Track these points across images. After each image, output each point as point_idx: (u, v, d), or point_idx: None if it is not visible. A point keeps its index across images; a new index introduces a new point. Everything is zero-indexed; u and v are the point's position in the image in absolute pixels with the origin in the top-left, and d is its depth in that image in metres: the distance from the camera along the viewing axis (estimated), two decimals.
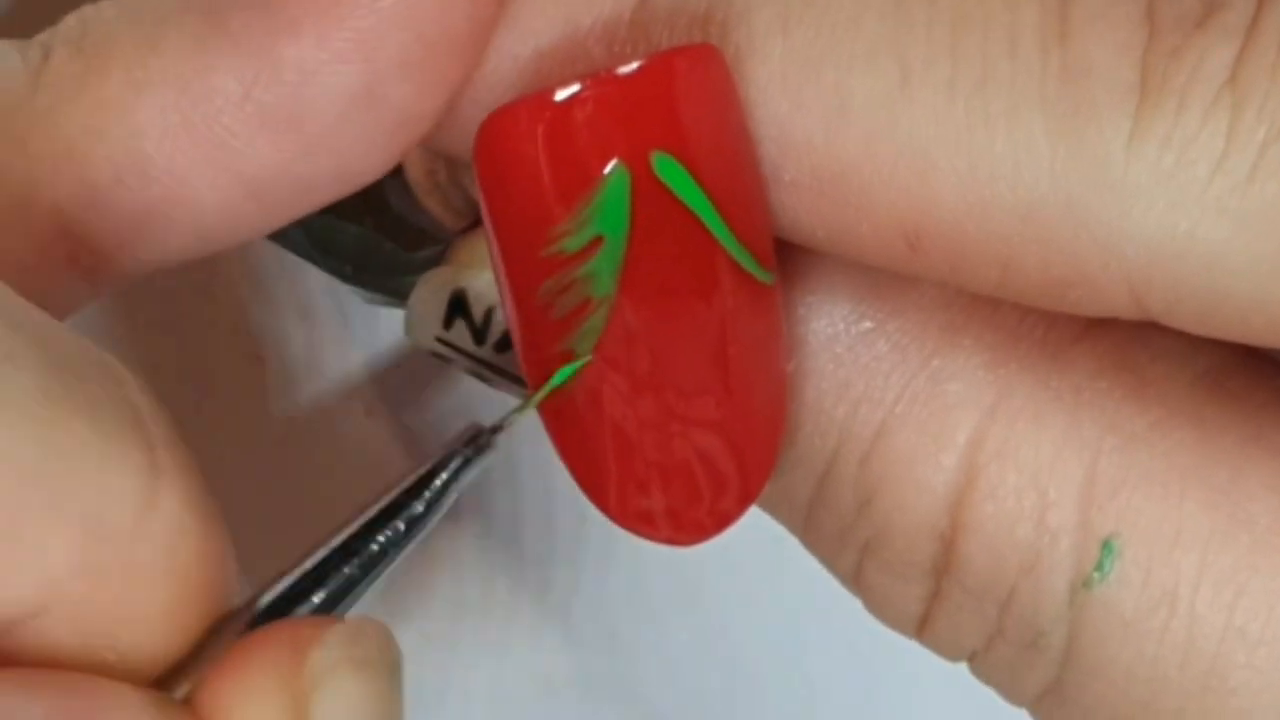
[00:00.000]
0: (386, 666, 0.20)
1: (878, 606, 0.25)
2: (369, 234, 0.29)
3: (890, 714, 0.39)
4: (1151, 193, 0.20)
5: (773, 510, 0.25)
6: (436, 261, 0.29)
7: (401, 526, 0.22)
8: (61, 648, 0.19)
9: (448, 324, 0.25)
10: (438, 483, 0.22)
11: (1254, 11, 0.20)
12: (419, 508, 0.22)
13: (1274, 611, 0.22)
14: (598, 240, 0.21)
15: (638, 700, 0.39)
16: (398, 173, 0.29)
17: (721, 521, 0.23)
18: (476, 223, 0.27)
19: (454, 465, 0.22)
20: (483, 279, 0.24)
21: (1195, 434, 0.23)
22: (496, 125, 0.21)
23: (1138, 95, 0.20)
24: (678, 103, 0.21)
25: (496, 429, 0.22)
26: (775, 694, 0.39)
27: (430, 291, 0.25)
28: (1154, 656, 0.22)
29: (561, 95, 0.21)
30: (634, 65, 0.21)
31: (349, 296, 0.36)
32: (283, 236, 0.31)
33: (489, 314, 0.24)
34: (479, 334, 0.25)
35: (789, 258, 0.23)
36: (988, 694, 0.24)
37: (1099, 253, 0.20)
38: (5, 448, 0.18)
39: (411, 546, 0.22)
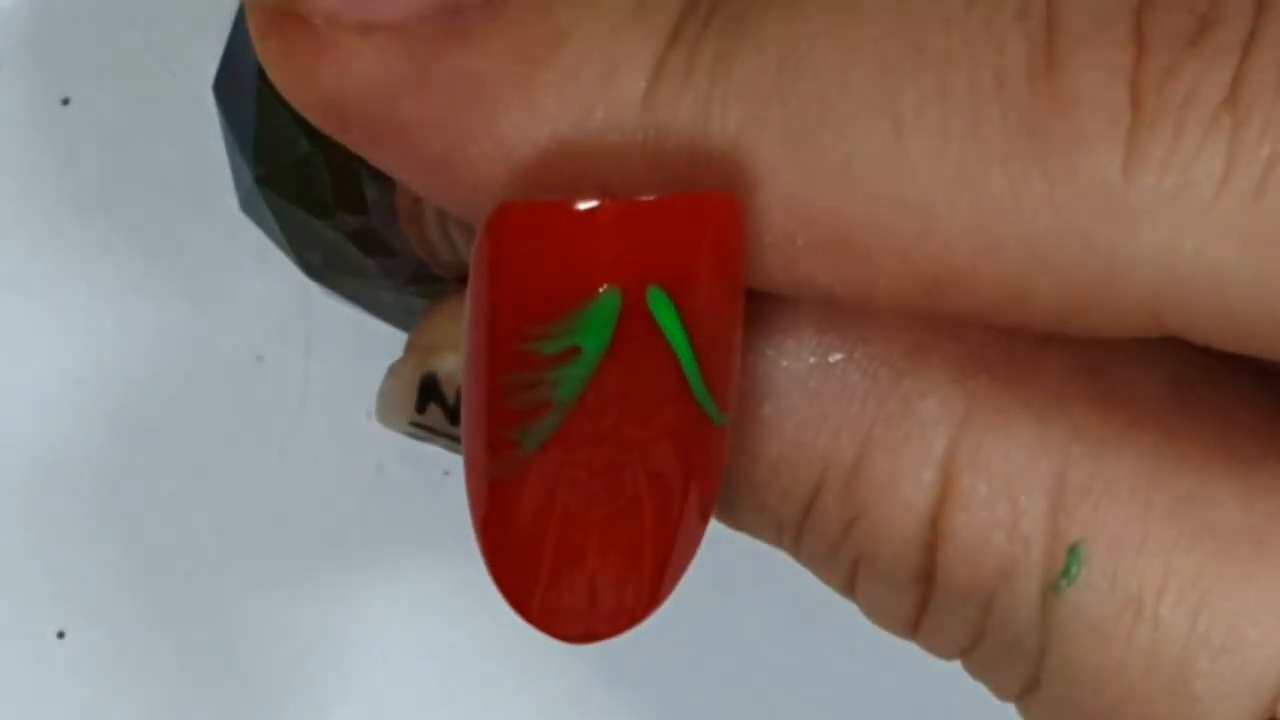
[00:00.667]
0: None
1: (872, 613, 0.25)
2: (341, 239, 0.30)
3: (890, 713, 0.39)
4: (1155, 215, 0.20)
5: (762, 538, 0.25)
6: (403, 283, 0.30)
7: None
8: None
9: (421, 408, 0.25)
10: None
11: (1250, 27, 0.20)
12: None
13: (1237, 619, 0.22)
14: (574, 351, 0.22)
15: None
16: (387, 189, 0.29)
17: (619, 621, 0.23)
18: (462, 280, 0.28)
19: None
20: (449, 361, 0.24)
21: (1161, 440, 0.23)
22: (511, 216, 0.22)
23: (1129, 118, 0.20)
24: (687, 243, 0.21)
25: None
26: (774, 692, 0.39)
27: (400, 379, 0.25)
28: (1120, 661, 0.23)
29: (583, 207, 0.21)
30: (654, 196, 0.21)
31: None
32: (255, 215, 0.31)
33: (459, 394, 0.25)
34: (453, 414, 0.25)
35: (750, 303, 0.23)
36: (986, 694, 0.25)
37: (1110, 278, 0.21)
38: None
39: None
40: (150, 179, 0.37)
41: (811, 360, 0.23)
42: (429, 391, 0.25)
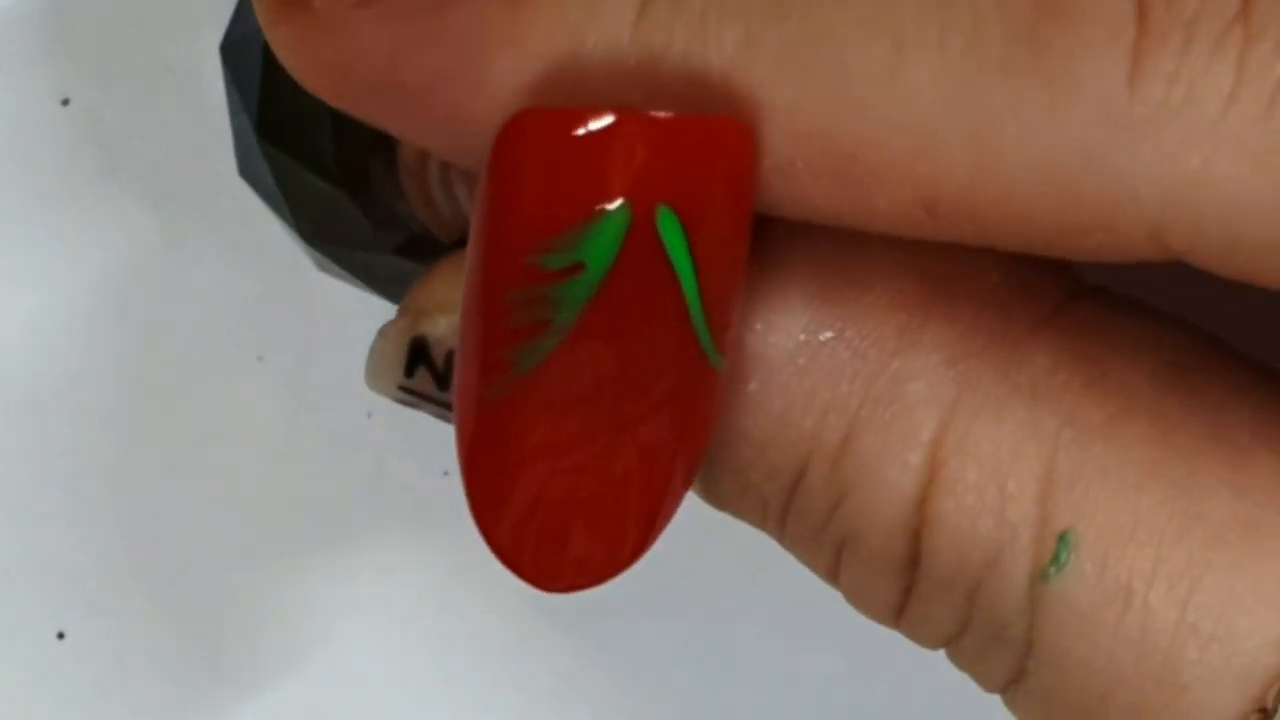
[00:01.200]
0: None
1: (856, 599, 0.25)
2: (340, 198, 0.30)
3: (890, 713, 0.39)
4: (1160, 130, 0.20)
5: (747, 519, 0.25)
6: (398, 249, 0.30)
7: None
8: None
9: (409, 372, 0.25)
10: None
11: None
12: None
13: (1227, 608, 0.22)
14: (578, 267, 0.22)
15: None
16: (389, 149, 0.29)
17: (597, 570, 0.23)
18: (460, 243, 0.28)
19: None
20: (441, 324, 0.24)
21: (1153, 428, 0.23)
22: (525, 124, 0.22)
23: (1134, 29, 0.20)
24: (701, 165, 0.21)
25: None
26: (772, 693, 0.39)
27: (390, 342, 0.25)
28: (1109, 650, 0.22)
29: (598, 122, 0.21)
30: (669, 112, 0.21)
31: (351, 295, 0.36)
32: (253, 177, 0.31)
33: (449, 358, 0.25)
34: (442, 379, 0.25)
35: None
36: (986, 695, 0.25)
37: (1112, 195, 0.20)
38: None
39: None
40: (150, 179, 0.37)
41: (801, 337, 0.23)
42: (418, 355, 0.25)
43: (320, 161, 0.29)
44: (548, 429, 0.22)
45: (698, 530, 0.26)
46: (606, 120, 0.21)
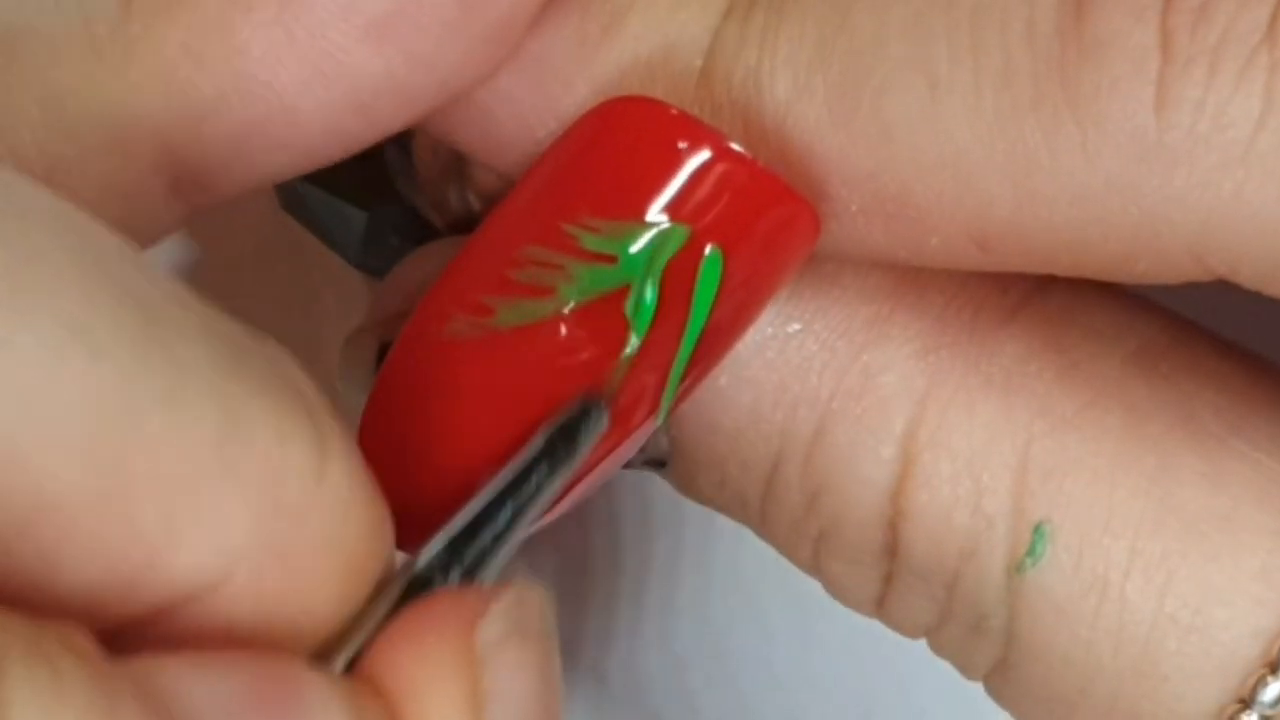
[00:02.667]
0: (547, 634, 0.20)
1: (837, 590, 0.25)
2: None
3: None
4: (1190, 158, 0.20)
5: (727, 512, 0.25)
6: (374, 210, 0.30)
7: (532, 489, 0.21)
8: (237, 625, 0.19)
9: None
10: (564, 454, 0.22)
11: None
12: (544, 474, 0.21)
13: (1205, 599, 0.22)
14: (609, 258, 0.22)
15: None
16: (408, 161, 0.29)
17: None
18: (453, 229, 0.28)
19: (582, 442, 0.22)
20: None
21: (1126, 418, 0.23)
22: (636, 108, 0.22)
23: (1159, 58, 0.20)
24: (768, 233, 0.22)
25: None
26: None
27: (358, 350, 0.25)
28: (1088, 641, 0.22)
29: (703, 146, 0.21)
30: (765, 167, 0.21)
31: (352, 292, 0.36)
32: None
33: None
34: None
35: None
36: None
37: (1151, 224, 0.20)
38: (188, 417, 0.18)
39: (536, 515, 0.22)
40: None
41: (769, 330, 0.23)
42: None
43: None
44: (491, 387, 0.22)
45: (698, 530, 0.26)
46: (709, 146, 0.21)
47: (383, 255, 0.30)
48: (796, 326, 0.23)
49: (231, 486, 0.18)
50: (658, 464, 0.25)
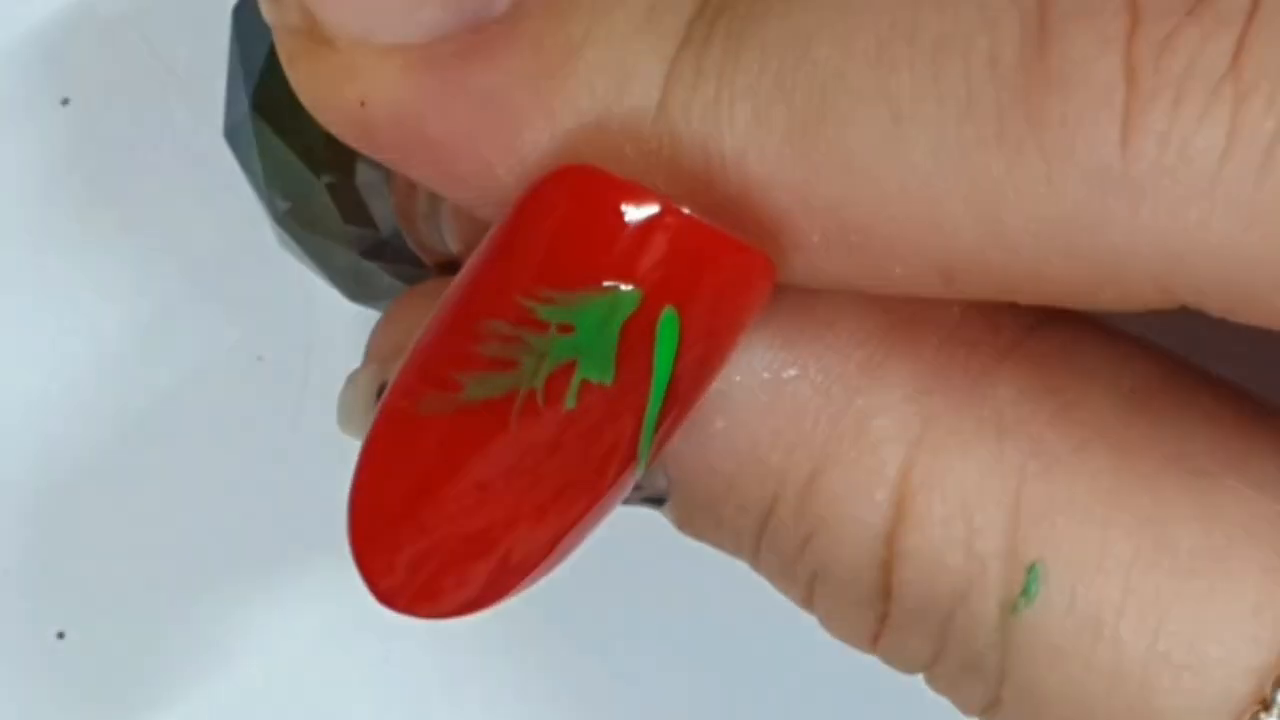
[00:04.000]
0: None
1: (832, 627, 0.25)
2: (317, 185, 0.29)
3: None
4: (1156, 190, 0.20)
5: (723, 549, 0.25)
6: (364, 248, 0.30)
7: None
8: None
9: None
10: None
11: None
12: None
13: (1199, 637, 0.22)
14: (566, 328, 0.22)
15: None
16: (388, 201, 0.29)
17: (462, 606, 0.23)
18: (442, 266, 0.28)
19: None
20: None
21: (1118, 457, 0.23)
22: (575, 177, 0.22)
23: (1124, 90, 0.20)
24: (720, 286, 0.22)
25: None
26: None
27: (358, 390, 0.25)
28: (1081, 681, 0.22)
29: (645, 206, 0.21)
30: (711, 223, 0.21)
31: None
32: (237, 144, 0.31)
33: None
34: None
35: None
36: None
37: (1116, 255, 0.20)
38: None
39: None
40: (150, 179, 0.37)
41: (765, 375, 0.23)
42: None
43: (309, 148, 0.29)
44: (471, 464, 0.22)
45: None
46: (653, 208, 0.21)
47: (377, 288, 0.30)
48: (793, 373, 0.23)
49: None
50: (656, 502, 0.25)
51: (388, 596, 0.23)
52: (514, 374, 0.22)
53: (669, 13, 0.22)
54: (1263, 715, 0.22)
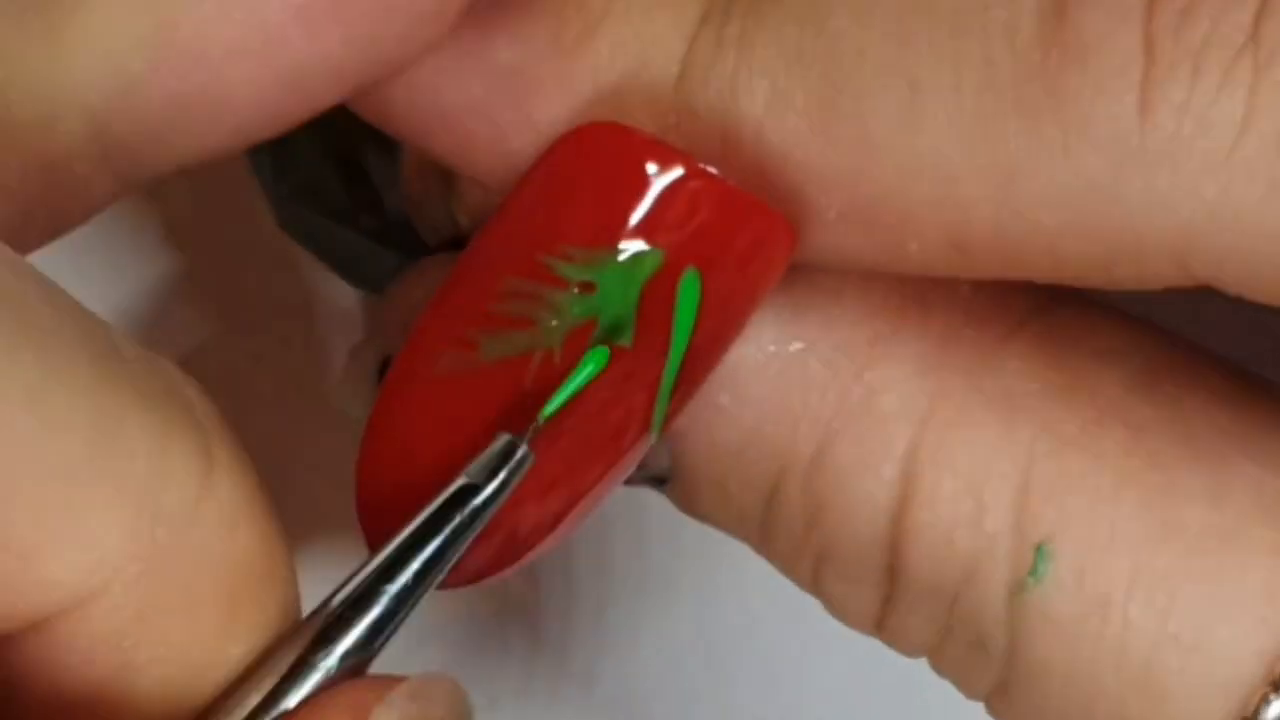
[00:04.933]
0: None
1: (836, 609, 0.25)
2: (325, 167, 0.29)
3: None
4: (1174, 161, 0.20)
5: (727, 529, 0.25)
6: (369, 231, 0.29)
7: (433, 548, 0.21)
8: (119, 642, 0.19)
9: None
10: (478, 501, 0.21)
11: None
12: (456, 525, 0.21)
13: (1208, 618, 0.22)
14: (588, 286, 0.22)
15: None
16: (396, 178, 0.29)
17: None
18: (445, 246, 0.28)
19: (492, 487, 0.22)
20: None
21: (1128, 436, 0.23)
22: (601, 135, 0.22)
23: (1143, 61, 0.20)
24: (744, 247, 0.22)
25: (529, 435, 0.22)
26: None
27: (359, 364, 0.25)
28: (1090, 660, 0.22)
29: (671, 166, 0.21)
30: (736, 183, 0.21)
31: (351, 296, 0.36)
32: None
33: None
34: None
35: None
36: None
37: (1133, 227, 0.20)
38: (64, 419, 0.18)
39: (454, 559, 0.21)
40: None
41: (771, 349, 0.23)
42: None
43: (317, 130, 0.29)
44: (467, 423, 0.22)
45: (698, 532, 0.26)
46: (678, 168, 0.21)
47: (379, 273, 0.30)
48: (799, 345, 0.23)
49: (106, 491, 0.18)
50: (658, 481, 0.24)
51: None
52: (531, 332, 0.22)
53: None
54: (1272, 696, 0.22)
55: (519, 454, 0.21)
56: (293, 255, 0.33)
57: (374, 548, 0.22)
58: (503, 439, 0.21)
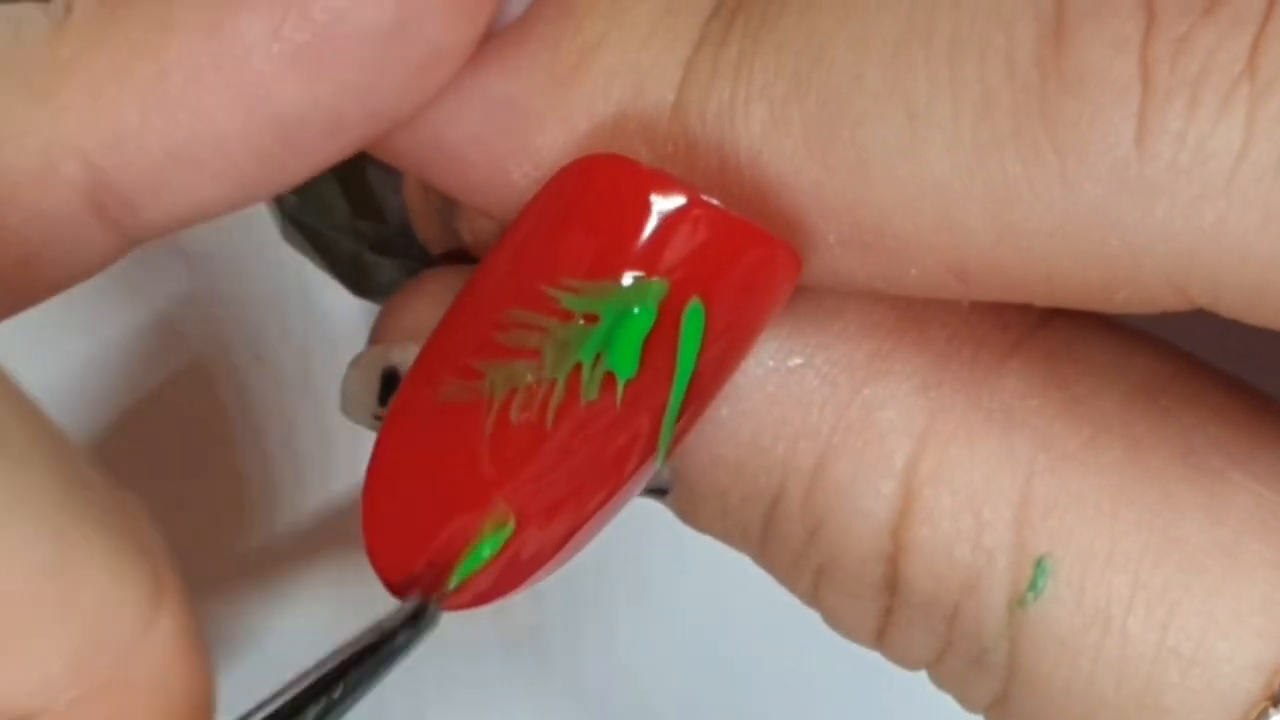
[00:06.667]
0: None
1: (835, 622, 0.25)
2: (326, 177, 0.29)
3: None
4: (1172, 190, 0.20)
5: (728, 541, 0.25)
6: (371, 242, 0.29)
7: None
8: None
9: (383, 400, 0.25)
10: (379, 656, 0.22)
11: None
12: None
13: (1207, 632, 0.22)
14: (592, 318, 0.22)
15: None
16: (398, 187, 0.29)
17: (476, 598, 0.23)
18: (447, 256, 0.28)
19: (398, 643, 0.22)
20: (411, 352, 0.24)
21: (1127, 452, 0.23)
22: (602, 166, 0.22)
23: (1140, 90, 0.20)
24: (747, 276, 0.22)
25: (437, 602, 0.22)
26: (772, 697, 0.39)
27: (363, 371, 0.25)
28: (1090, 675, 0.22)
29: (674, 195, 0.21)
30: (738, 214, 0.21)
31: (351, 296, 0.36)
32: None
33: None
34: None
35: None
36: None
37: (1131, 254, 0.20)
38: (21, 544, 0.18)
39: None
40: None
41: (770, 364, 0.23)
42: (391, 384, 0.25)
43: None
44: (488, 450, 0.22)
45: (677, 533, 0.26)
46: (680, 198, 0.21)
47: (381, 282, 0.30)
48: (798, 361, 0.23)
49: (57, 616, 0.19)
50: (659, 492, 0.25)
51: (400, 587, 0.23)
52: (535, 364, 0.22)
53: (685, 14, 0.22)
54: (1272, 711, 0.22)
55: (428, 614, 0.22)
56: (295, 263, 0.33)
57: (380, 570, 0.22)
58: (413, 602, 0.22)
